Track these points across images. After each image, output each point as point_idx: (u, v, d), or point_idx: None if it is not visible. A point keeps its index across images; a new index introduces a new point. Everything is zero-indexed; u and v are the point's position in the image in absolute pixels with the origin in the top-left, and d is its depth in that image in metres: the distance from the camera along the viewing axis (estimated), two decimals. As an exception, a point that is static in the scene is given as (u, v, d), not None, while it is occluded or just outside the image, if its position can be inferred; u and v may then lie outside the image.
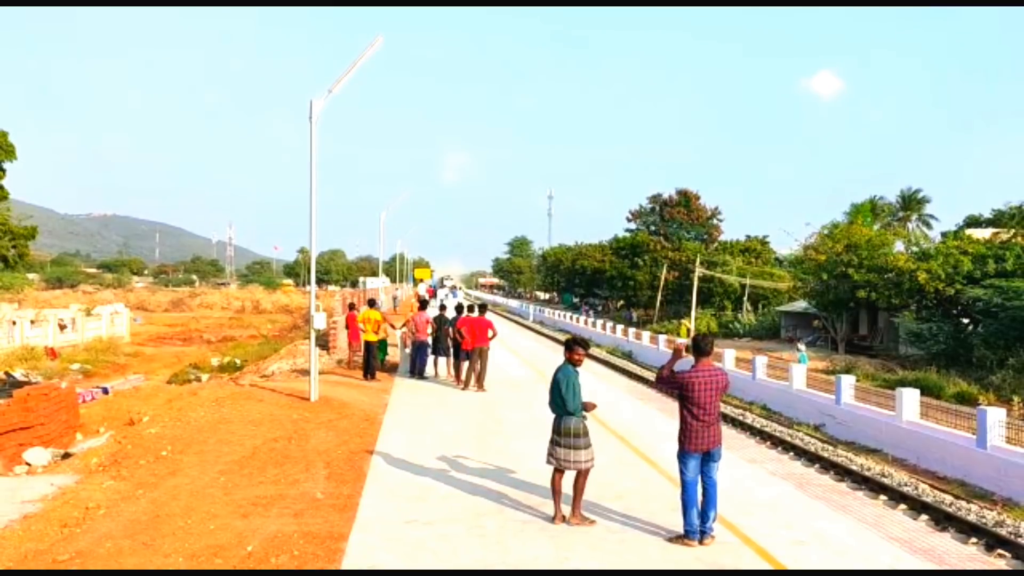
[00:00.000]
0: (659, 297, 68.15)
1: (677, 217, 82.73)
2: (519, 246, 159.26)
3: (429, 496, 9.08)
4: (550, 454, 8.20)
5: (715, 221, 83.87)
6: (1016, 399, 23.80)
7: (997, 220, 55.25)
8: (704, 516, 7.68)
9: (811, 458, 17.85)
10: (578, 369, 8.31)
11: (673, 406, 19.74)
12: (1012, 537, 12.32)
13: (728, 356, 31.62)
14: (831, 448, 19.32)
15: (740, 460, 12.77)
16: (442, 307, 19.42)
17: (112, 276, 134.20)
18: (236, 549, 7.19)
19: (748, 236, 76.51)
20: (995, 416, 17.01)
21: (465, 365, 17.62)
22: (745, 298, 61.42)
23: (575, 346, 8.36)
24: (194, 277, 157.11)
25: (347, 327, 17.61)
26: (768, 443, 19.79)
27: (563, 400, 8.14)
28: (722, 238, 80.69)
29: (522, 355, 26.52)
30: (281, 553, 7.13)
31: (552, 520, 8.16)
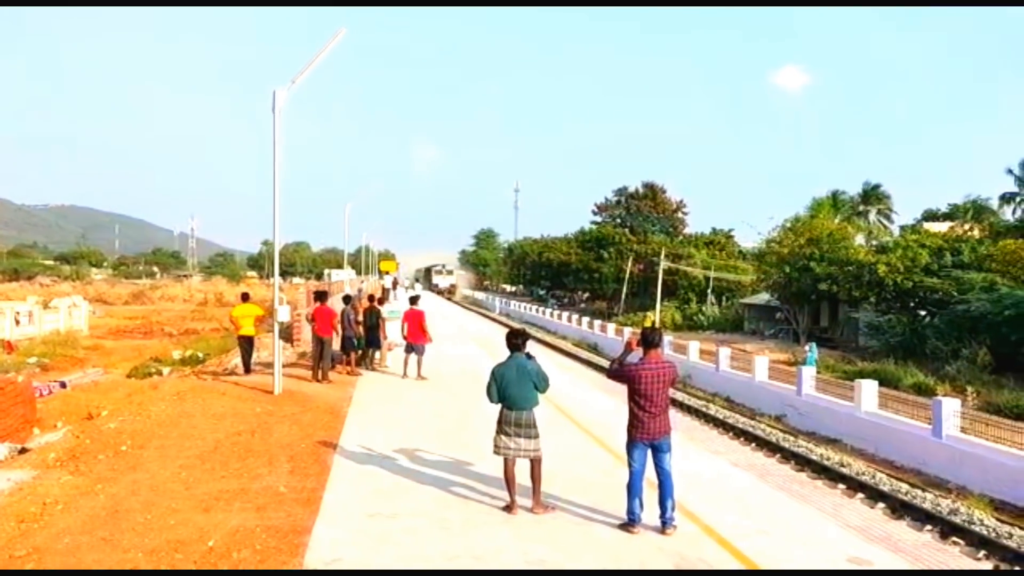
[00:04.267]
0: (625, 290, 68.55)
1: (643, 210, 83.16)
2: (485, 239, 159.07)
3: (393, 489, 9.06)
4: (503, 446, 8.19)
5: (680, 214, 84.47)
6: (970, 390, 24.33)
7: (953, 214, 56.38)
8: (663, 507, 7.77)
9: (772, 449, 18.11)
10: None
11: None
12: (966, 525, 12.61)
13: (692, 348, 31.93)
14: (792, 439, 19.60)
15: (703, 451, 12.92)
16: (345, 298, 19.51)
17: (70, 268, 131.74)
18: (197, 544, 7.12)
19: (713, 229, 77.22)
20: (950, 407, 17.39)
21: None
22: (710, 291, 61.97)
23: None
24: (155, 269, 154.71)
25: (313, 320, 17.34)
26: (731, 434, 20.04)
27: (537, 392, 8.23)
28: (687, 231, 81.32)
29: (488, 348, 26.52)
30: (243, 547, 7.07)
31: (509, 510, 8.21)
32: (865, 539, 8.52)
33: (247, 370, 17.20)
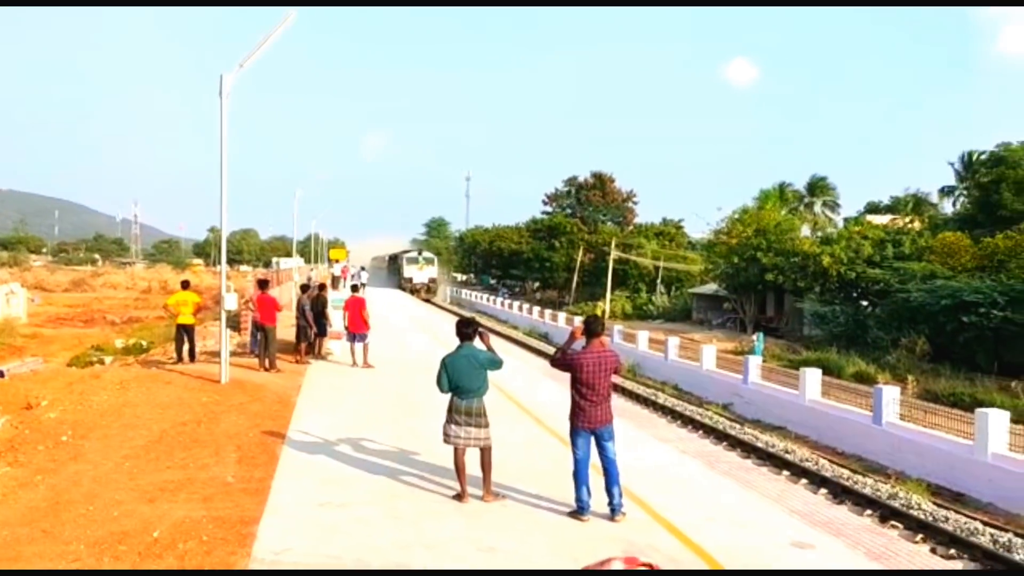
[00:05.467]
0: (575, 279, 68.91)
1: (592, 200, 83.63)
2: (437, 227, 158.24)
3: (344, 478, 9.00)
4: (453, 435, 8.18)
5: (630, 204, 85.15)
6: (910, 378, 25.01)
7: (894, 207, 57.78)
8: (610, 494, 7.82)
9: (720, 436, 18.41)
10: None
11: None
12: (904, 509, 13.00)
13: (642, 338, 32.27)
14: (739, 426, 19.95)
15: (652, 439, 13.07)
16: (303, 287, 19.61)
17: (8, 254, 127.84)
18: (142, 535, 6.98)
19: (664, 220, 78.04)
20: (890, 394, 17.89)
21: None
22: (659, 280, 62.63)
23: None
24: (97, 256, 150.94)
25: (255, 308, 17.03)
26: (679, 422, 20.32)
27: (487, 381, 8.26)
28: (637, 221, 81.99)
29: (440, 337, 26.45)
30: (189, 539, 6.95)
31: (460, 499, 8.22)
32: (808, 523, 8.71)
33: (179, 358, 16.88)
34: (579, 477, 7.84)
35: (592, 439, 7.86)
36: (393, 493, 8.51)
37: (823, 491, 14.23)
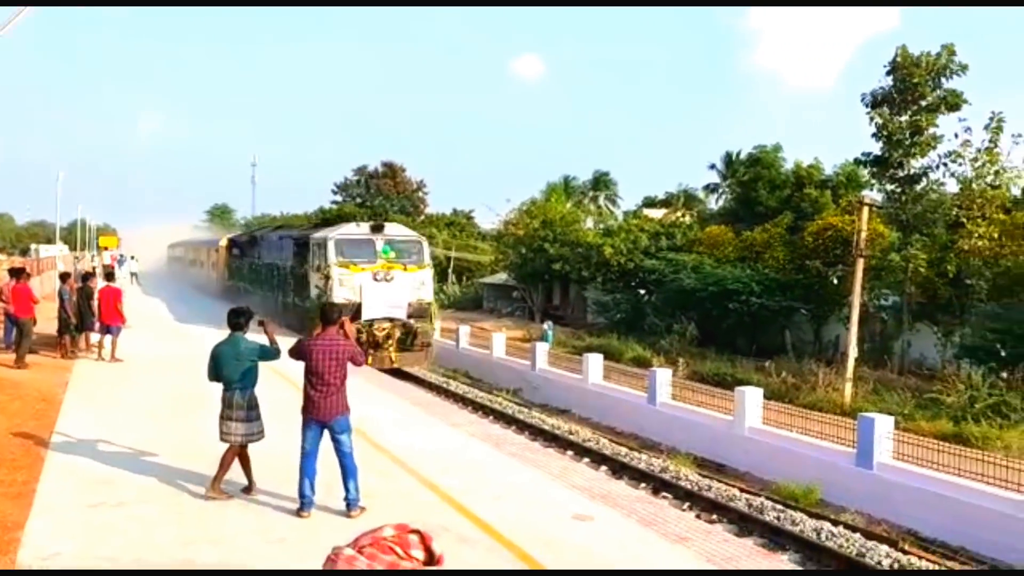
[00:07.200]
0: (367, 269, 68.20)
1: (383, 189, 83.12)
2: (220, 215, 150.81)
3: (119, 477, 8.49)
4: (226, 431, 7.90)
5: (421, 194, 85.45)
6: (681, 361, 27.02)
7: (668, 201, 61.98)
8: (345, 488, 7.61)
9: (508, 420, 19.03)
10: None
11: (395, 385, 19.92)
12: (674, 480, 14.15)
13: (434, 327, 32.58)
14: (527, 410, 20.70)
15: (443, 424, 13.32)
16: (62, 276, 18.25)
17: None
18: None
19: (454, 210, 79.02)
20: (663, 376, 19.26)
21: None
22: (450, 270, 63.39)
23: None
24: None
25: (10, 300, 15.57)
26: (470, 408, 20.75)
27: (256, 372, 8.02)
28: (428, 211, 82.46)
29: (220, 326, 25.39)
30: (-61, 551, 6.32)
31: (248, 492, 8.08)
32: (588, 497, 9.27)
33: None
34: (304, 471, 7.57)
35: (324, 432, 7.61)
36: (173, 490, 8.15)
37: (603, 468, 15.12)
